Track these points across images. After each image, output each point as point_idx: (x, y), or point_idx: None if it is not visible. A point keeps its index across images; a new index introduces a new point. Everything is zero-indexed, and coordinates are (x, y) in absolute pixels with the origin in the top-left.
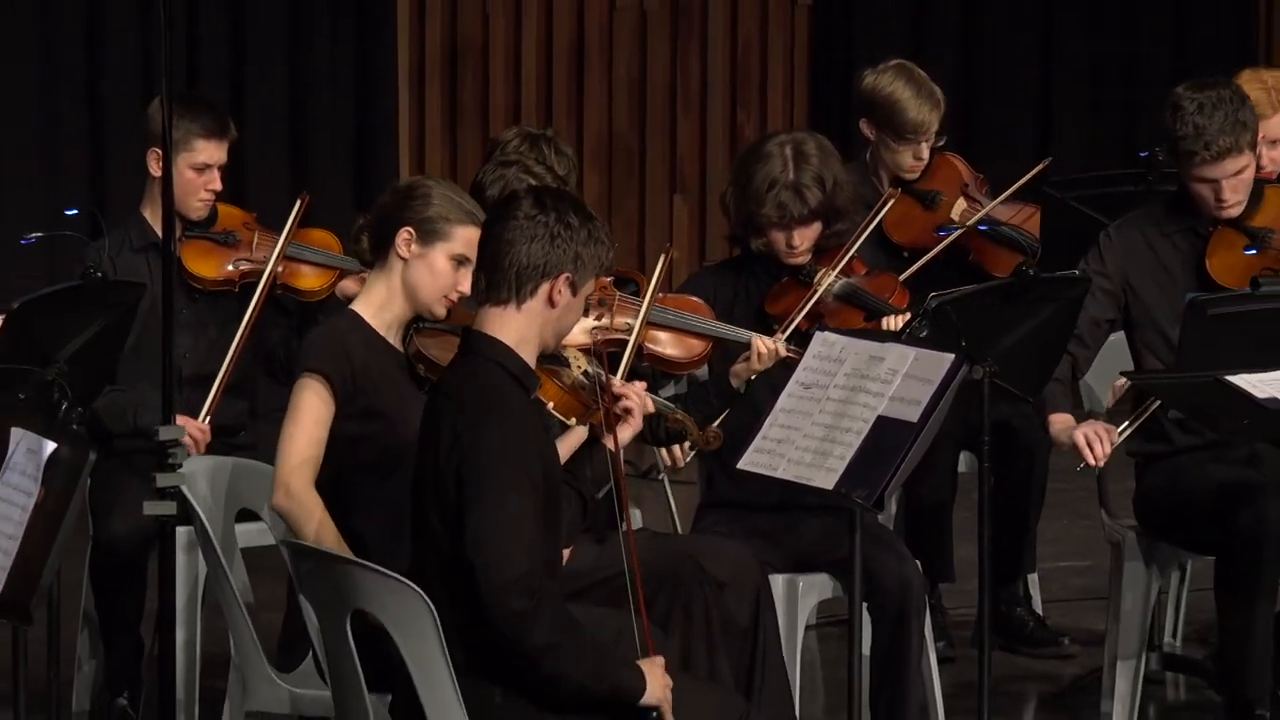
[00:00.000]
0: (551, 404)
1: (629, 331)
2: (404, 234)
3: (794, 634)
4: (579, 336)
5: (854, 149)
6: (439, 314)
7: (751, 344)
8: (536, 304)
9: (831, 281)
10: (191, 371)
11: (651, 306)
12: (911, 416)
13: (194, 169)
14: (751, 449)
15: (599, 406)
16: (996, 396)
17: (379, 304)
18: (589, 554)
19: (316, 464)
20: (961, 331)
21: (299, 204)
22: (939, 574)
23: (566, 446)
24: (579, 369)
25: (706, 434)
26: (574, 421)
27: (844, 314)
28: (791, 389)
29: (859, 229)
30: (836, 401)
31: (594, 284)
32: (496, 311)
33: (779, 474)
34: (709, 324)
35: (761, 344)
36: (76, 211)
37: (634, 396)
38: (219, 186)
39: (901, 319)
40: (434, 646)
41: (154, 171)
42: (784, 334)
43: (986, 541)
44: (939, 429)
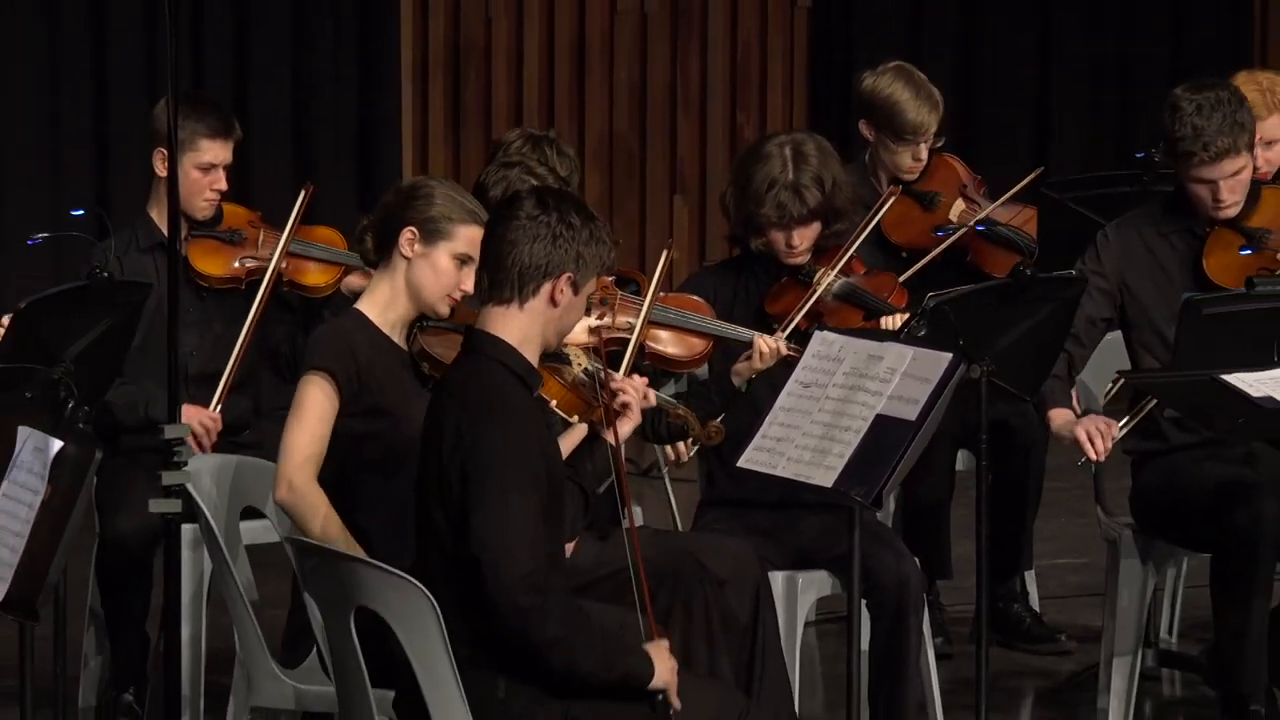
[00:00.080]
0: (554, 402)
1: (631, 330)
2: (407, 233)
3: (793, 630)
4: (580, 335)
5: (853, 150)
6: (442, 312)
7: (754, 343)
8: (539, 303)
9: (831, 281)
10: (198, 369)
11: (653, 305)
12: (910, 415)
13: (199, 169)
14: (751, 447)
15: (600, 403)
16: (994, 395)
17: (383, 303)
18: (591, 551)
19: (319, 460)
20: (959, 331)
21: (303, 194)
22: (937, 571)
23: (568, 443)
24: (579, 366)
25: (708, 429)
26: (576, 419)
27: (843, 313)
28: (791, 388)
29: (859, 227)
30: (835, 400)
31: (595, 283)
32: (499, 311)
33: (778, 472)
34: (710, 323)
35: (764, 343)
36: (82, 212)
37: (631, 390)
38: (224, 186)
39: (900, 318)
40: (437, 642)
41: (160, 171)
42: (784, 333)
43: (984, 539)
44: (937, 427)
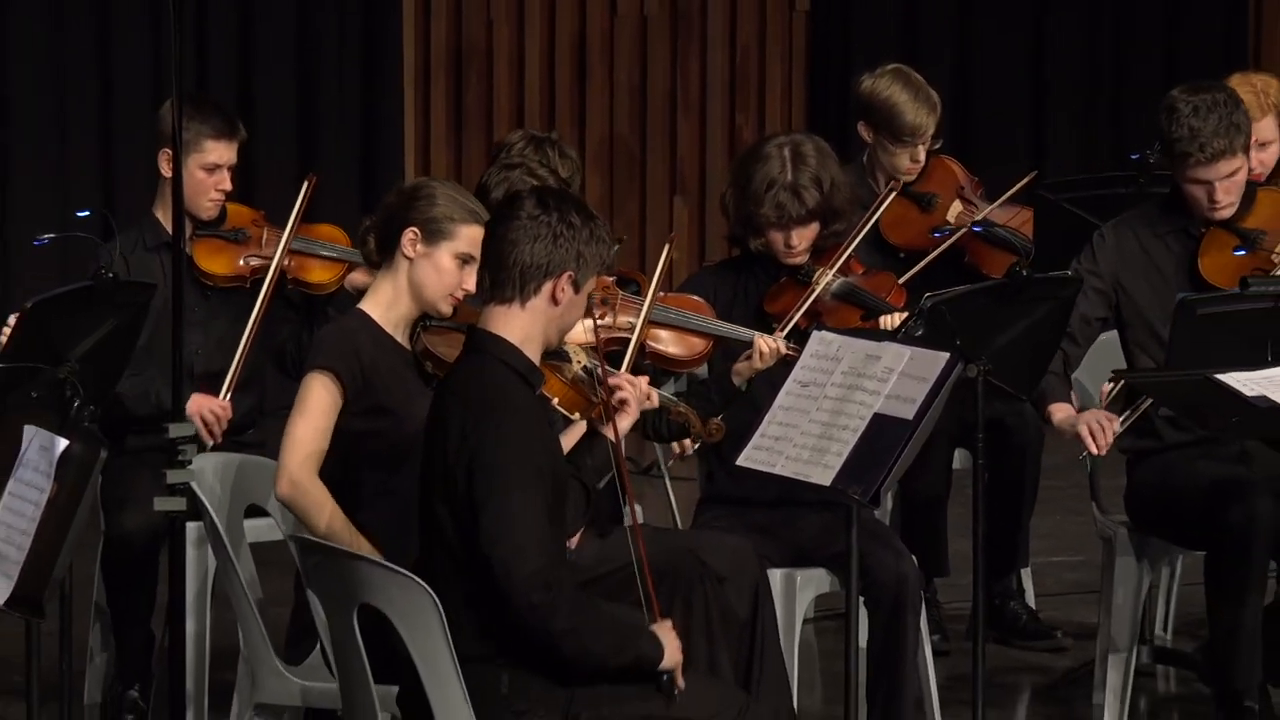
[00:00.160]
0: (556, 399)
1: (632, 330)
2: (409, 234)
3: (792, 627)
4: (580, 334)
5: (851, 152)
6: (445, 312)
7: (754, 342)
8: (540, 302)
9: (829, 280)
10: (203, 368)
11: (654, 305)
12: (907, 414)
13: (204, 169)
14: (750, 446)
15: (599, 400)
16: (990, 395)
17: (386, 303)
18: (591, 549)
19: (321, 456)
20: (956, 331)
21: (306, 185)
22: (934, 568)
23: (567, 440)
24: (579, 364)
25: (709, 427)
26: (577, 416)
27: (842, 312)
28: (789, 387)
29: (859, 224)
30: (834, 399)
31: (596, 281)
32: (501, 310)
33: (777, 470)
34: (710, 323)
35: (764, 342)
36: (88, 213)
37: (628, 386)
38: (229, 186)
39: (899, 317)
40: (438, 639)
41: (165, 172)
42: (783, 332)
43: (981, 537)
44: (934, 426)
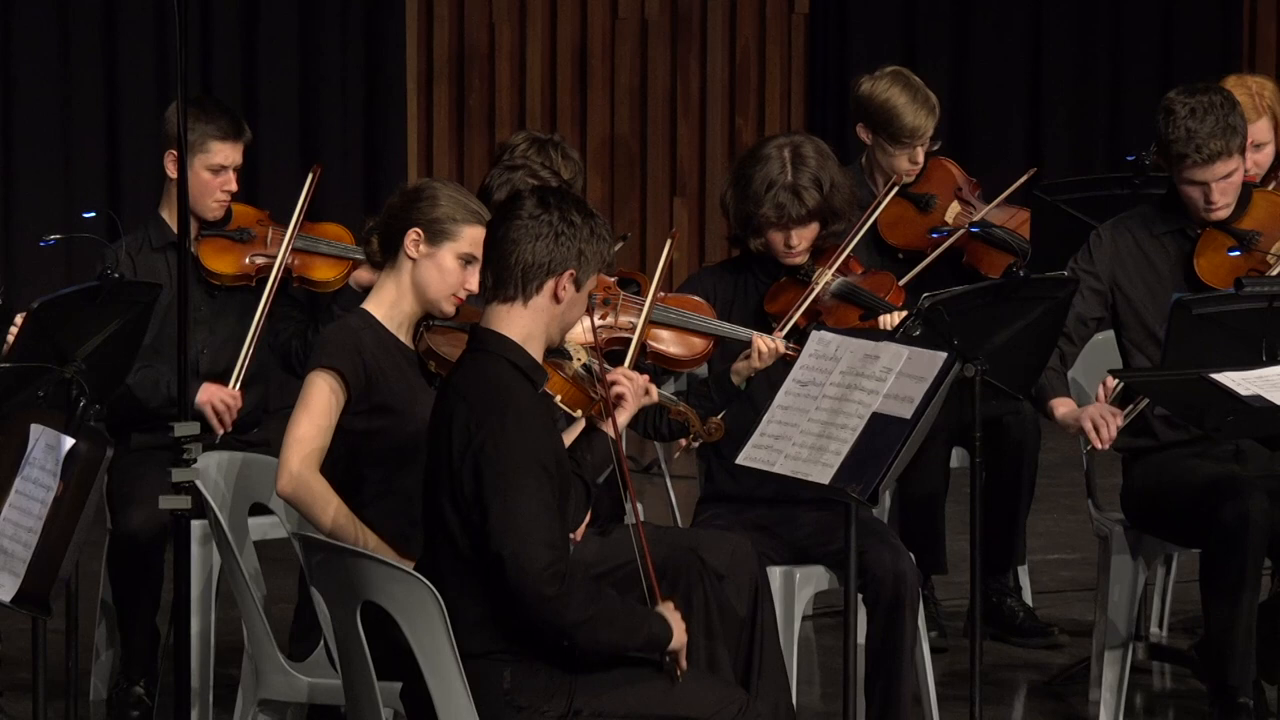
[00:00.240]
0: (559, 397)
1: (633, 330)
2: (412, 235)
3: (791, 624)
4: (579, 333)
5: (850, 153)
6: (448, 312)
7: (753, 342)
8: (542, 300)
9: (829, 280)
10: (209, 366)
11: (654, 305)
12: (905, 413)
13: (210, 170)
14: (749, 445)
15: (600, 396)
16: (988, 394)
17: (389, 303)
18: (593, 546)
19: (322, 454)
20: (954, 331)
21: (312, 175)
22: (932, 566)
23: (566, 438)
24: (579, 361)
25: (709, 425)
26: (579, 413)
27: (841, 312)
28: (789, 386)
29: (858, 223)
30: (832, 399)
31: (597, 279)
32: (503, 309)
33: (776, 469)
34: (711, 322)
35: (763, 342)
36: (94, 214)
37: (624, 380)
38: (234, 187)
39: (898, 316)
40: (441, 636)
41: (171, 173)
42: (783, 332)
43: (978, 534)
44: (932, 425)
